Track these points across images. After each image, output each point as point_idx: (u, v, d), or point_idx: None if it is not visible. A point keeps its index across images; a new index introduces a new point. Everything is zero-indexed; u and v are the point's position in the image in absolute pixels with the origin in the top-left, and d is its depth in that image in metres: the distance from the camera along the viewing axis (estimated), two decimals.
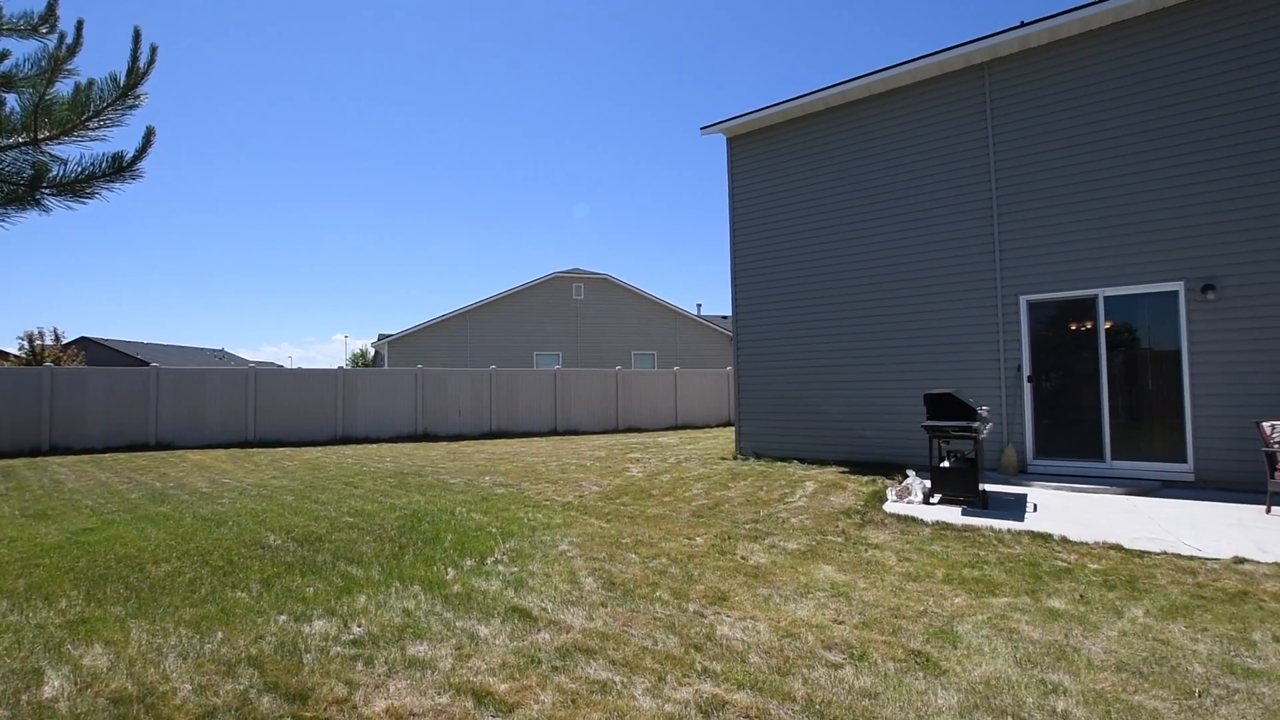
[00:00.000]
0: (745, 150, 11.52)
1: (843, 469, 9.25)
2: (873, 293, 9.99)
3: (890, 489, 7.29)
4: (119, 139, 2.19)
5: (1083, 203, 8.32)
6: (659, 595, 4.14)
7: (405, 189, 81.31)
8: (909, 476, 7.39)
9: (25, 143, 2.09)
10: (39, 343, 25.58)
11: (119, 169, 2.19)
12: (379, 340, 27.28)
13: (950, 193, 9.33)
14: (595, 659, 3.20)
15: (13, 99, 2.08)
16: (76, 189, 2.18)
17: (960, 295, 9.19)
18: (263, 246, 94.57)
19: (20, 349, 25.84)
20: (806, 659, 3.21)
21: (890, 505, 6.68)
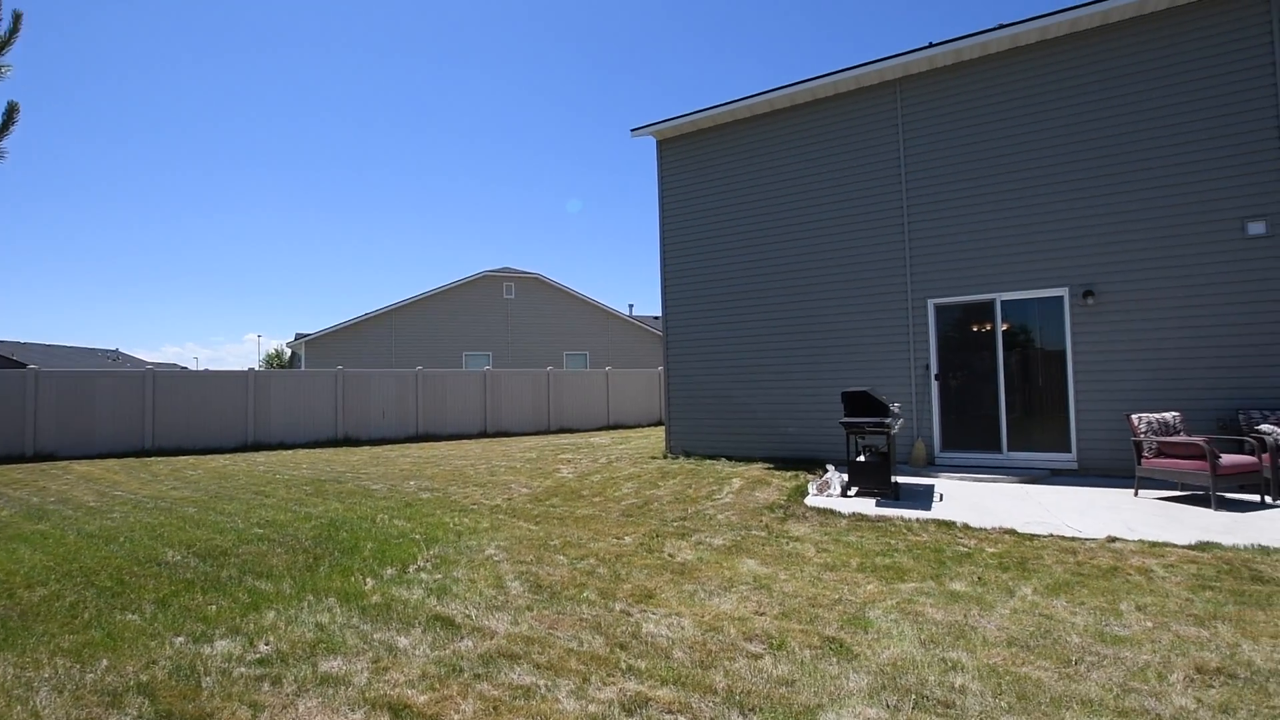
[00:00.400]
0: (674, 153, 11.69)
1: (768, 465, 9.56)
2: (797, 294, 10.38)
3: (811, 483, 7.61)
4: None
5: (983, 213, 8.97)
6: (586, 596, 4.15)
7: (323, 186, 77.31)
8: (829, 471, 7.74)
9: None
10: None
11: None
12: (296, 340, 25.82)
13: (867, 201, 9.83)
14: (519, 664, 3.17)
15: None
16: None
17: (875, 298, 9.70)
18: (164, 240, 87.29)
19: None
20: (728, 651, 3.30)
21: (811, 499, 6.97)
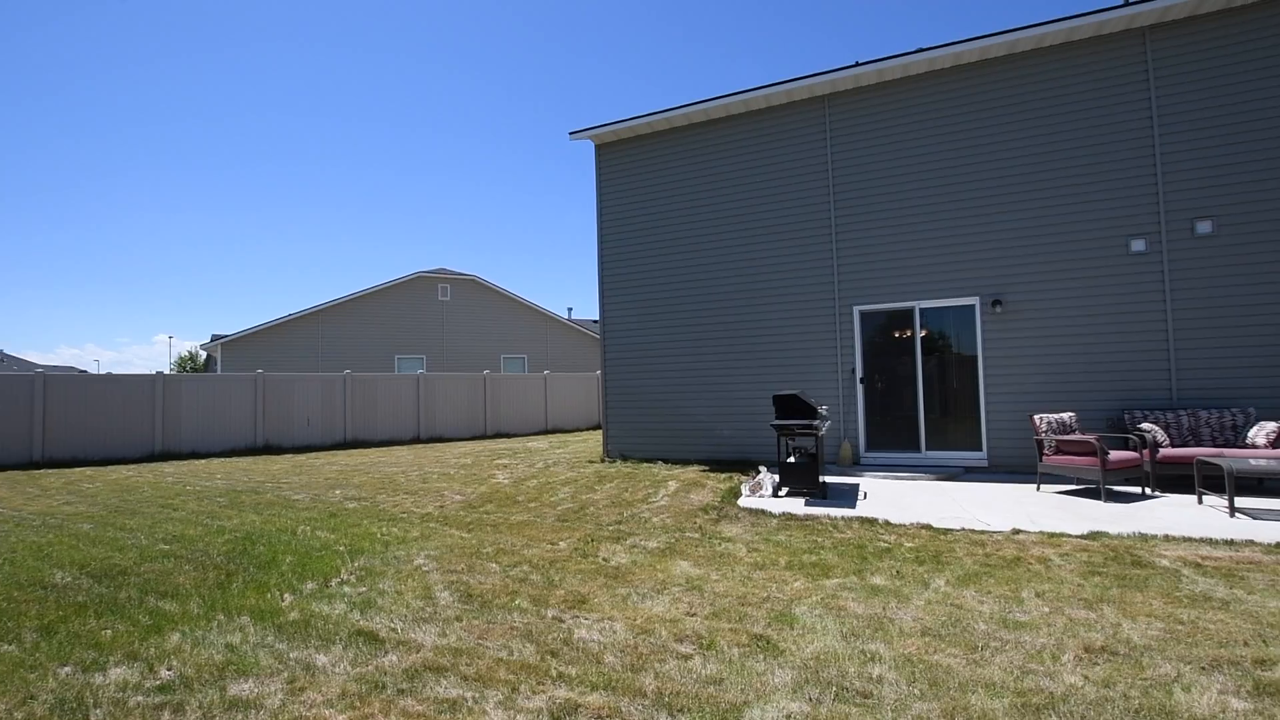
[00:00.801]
0: (613, 158, 11.73)
1: (704, 467, 9.72)
2: (731, 300, 10.62)
3: (745, 484, 7.79)
4: None
5: (904, 226, 9.48)
6: (518, 604, 4.10)
7: (245, 183, 72.87)
8: (761, 472, 7.95)
9: None
10: None
11: None
12: (212, 342, 24.22)
13: (798, 211, 10.19)
14: (446, 676, 3.10)
15: None
16: None
17: (805, 304, 10.06)
18: (59, 234, 79.93)
19: None
20: (659, 653, 3.33)
21: (744, 500, 7.14)
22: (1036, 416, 7.56)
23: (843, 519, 6.16)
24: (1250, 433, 7.07)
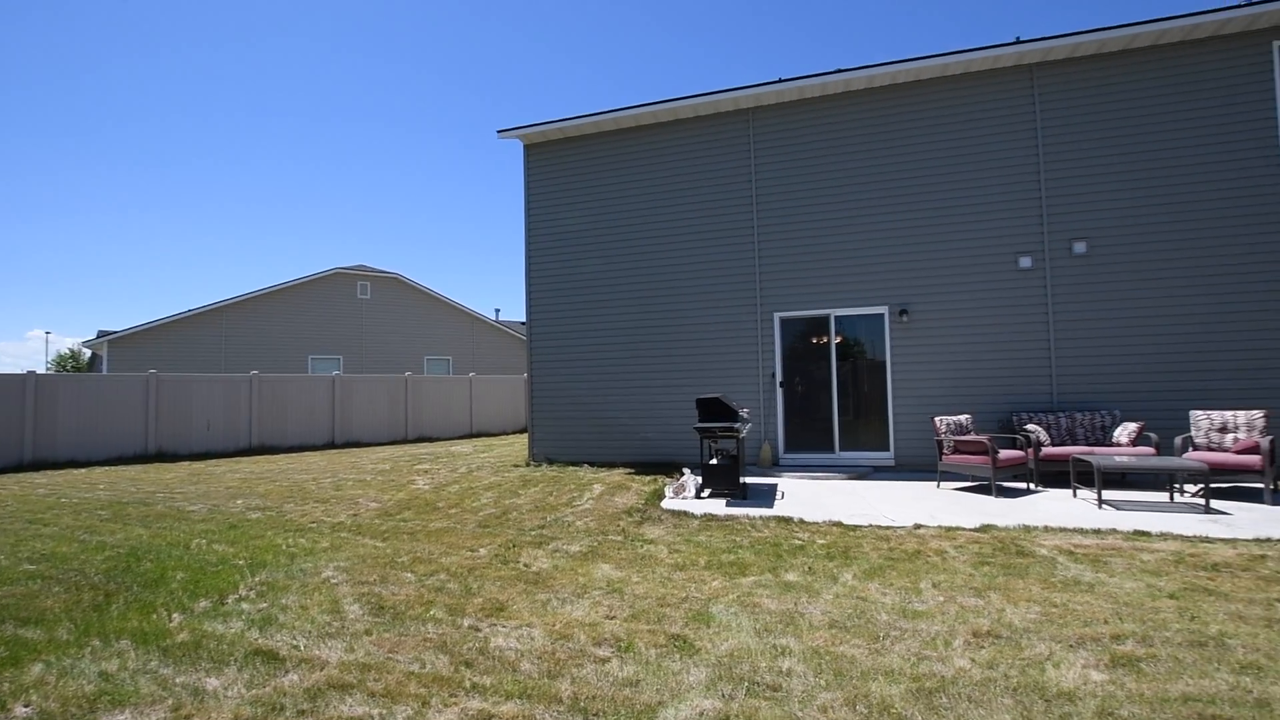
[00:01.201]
0: (542, 159, 11.63)
1: (630, 470, 9.78)
2: (657, 304, 10.76)
3: (668, 486, 7.91)
4: None
5: (822, 237, 9.94)
6: (433, 614, 3.98)
7: (140, 178, 66.86)
8: (685, 474, 8.09)
9: None
10: None
11: None
12: (98, 339, 22.05)
13: (723, 218, 10.47)
14: (352, 694, 2.96)
15: None
16: None
17: (729, 310, 10.35)
18: None
19: None
20: (577, 658, 3.33)
21: (668, 502, 7.25)
22: (937, 418, 8.11)
23: (761, 519, 6.36)
24: (1116, 432, 7.88)
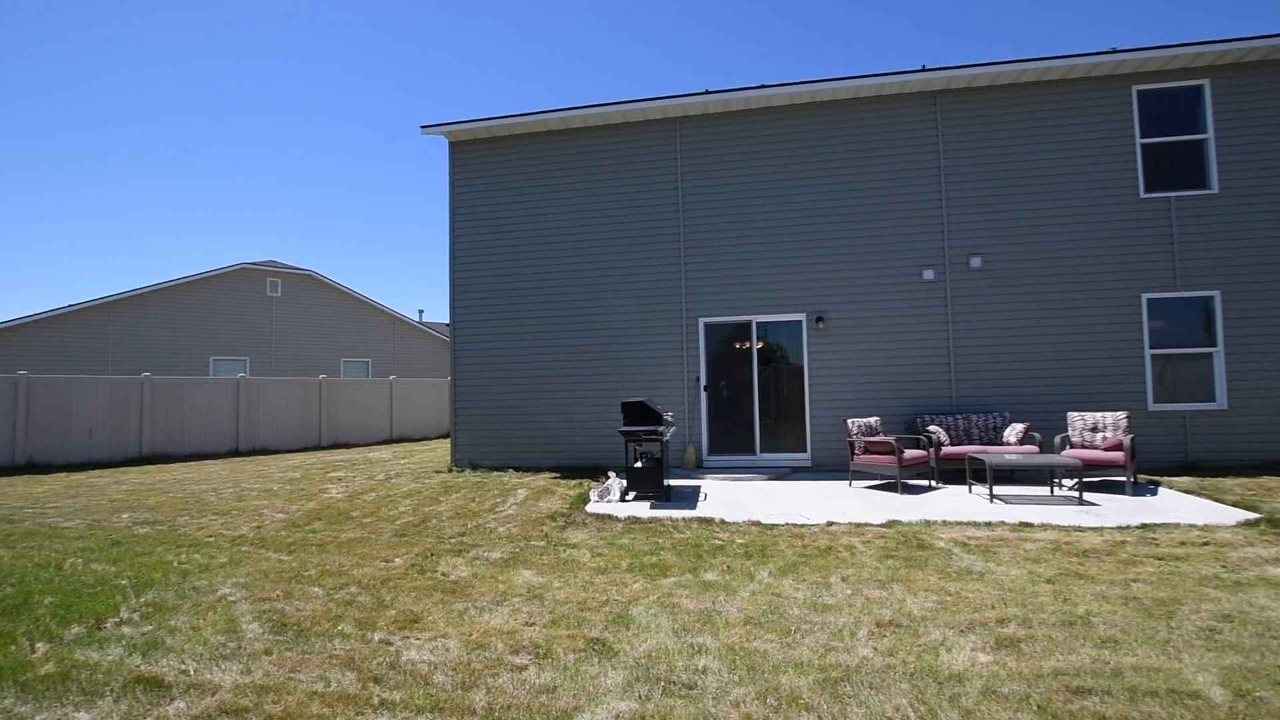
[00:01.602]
0: (469, 157, 11.37)
1: (556, 474, 9.71)
2: (584, 308, 10.76)
3: (593, 490, 7.91)
4: None
5: (746, 245, 10.26)
6: (341, 629, 3.80)
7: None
8: (610, 477, 8.12)
9: None
10: None
11: None
12: None
13: (650, 225, 10.60)
14: (246, 718, 2.79)
15: None
16: None
17: (655, 314, 10.49)
18: None
19: None
20: (493, 667, 3.28)
21: (592, 505, 7.24)
22: (849, 421, 8.55)
23: (683, 520, 6.48)
24: (1006, 432, 8.58)
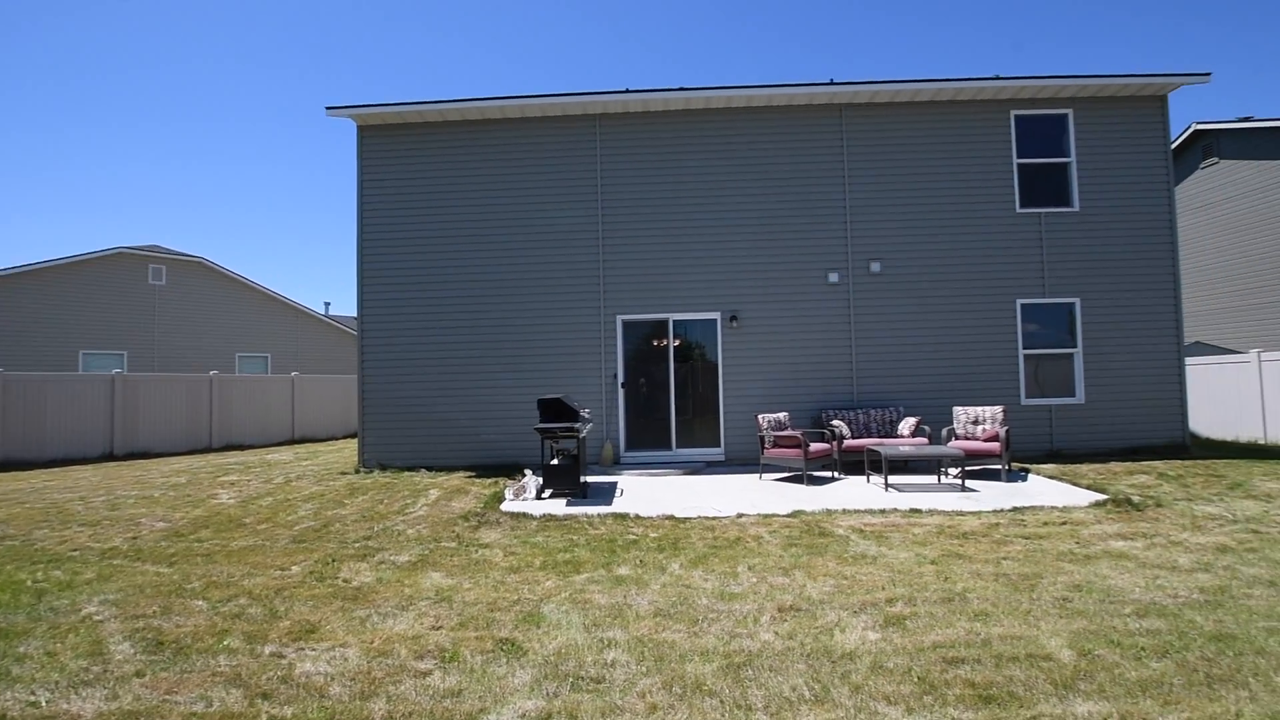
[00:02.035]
0: (380, 143, 10.84)
1: (470, 474, 9.47)
2: (499, 304, 10.56)
3: (509, 489, 7.79)
4: None
5: (663, 244, 10.42)
6: (227, 644, 3.55)
7: None
8: (527, 475, 8.03)
9: None
10: None
11: None
12: None
13: (569, 221, 10.55)
14: None
15: None
16: None
17: (572, 311, 10.47)
18: None
19: None
20: (395, 675, 3.17)
21: (507, 504, 7.14)
22: (760, 416, 8.90)
23: (599, 516, 6.51)
24: (900, 426, 9.23)
